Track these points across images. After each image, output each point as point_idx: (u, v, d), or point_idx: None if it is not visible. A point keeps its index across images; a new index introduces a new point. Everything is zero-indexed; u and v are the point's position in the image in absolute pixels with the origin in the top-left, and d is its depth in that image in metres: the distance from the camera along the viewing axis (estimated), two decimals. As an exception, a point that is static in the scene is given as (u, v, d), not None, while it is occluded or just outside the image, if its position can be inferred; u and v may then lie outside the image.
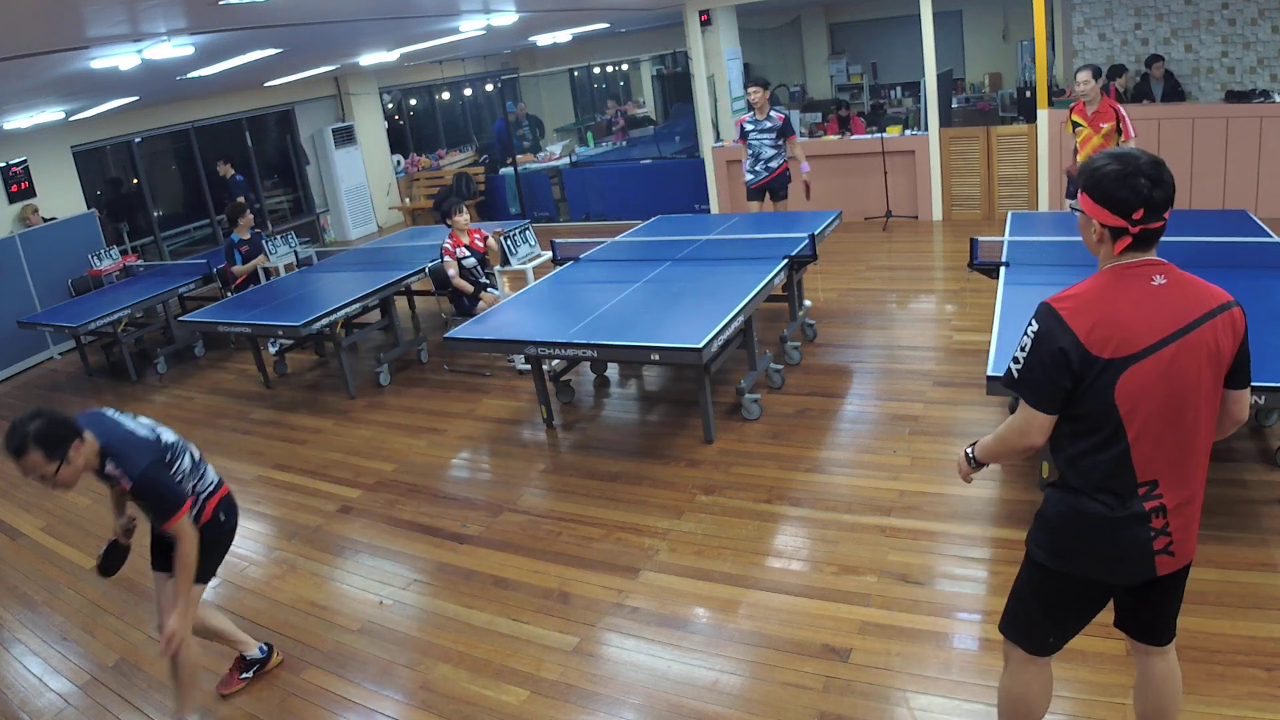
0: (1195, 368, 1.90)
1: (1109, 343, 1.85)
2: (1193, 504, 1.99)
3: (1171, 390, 1.88)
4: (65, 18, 3.80)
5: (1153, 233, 1.92)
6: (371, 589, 3.83)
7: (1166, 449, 1.91)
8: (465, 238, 6.22)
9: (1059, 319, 1.87)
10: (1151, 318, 1.88)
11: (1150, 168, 1.85)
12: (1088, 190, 1.93)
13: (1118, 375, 1.85)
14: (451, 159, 13.73)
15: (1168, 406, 1.89)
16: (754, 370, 5.08)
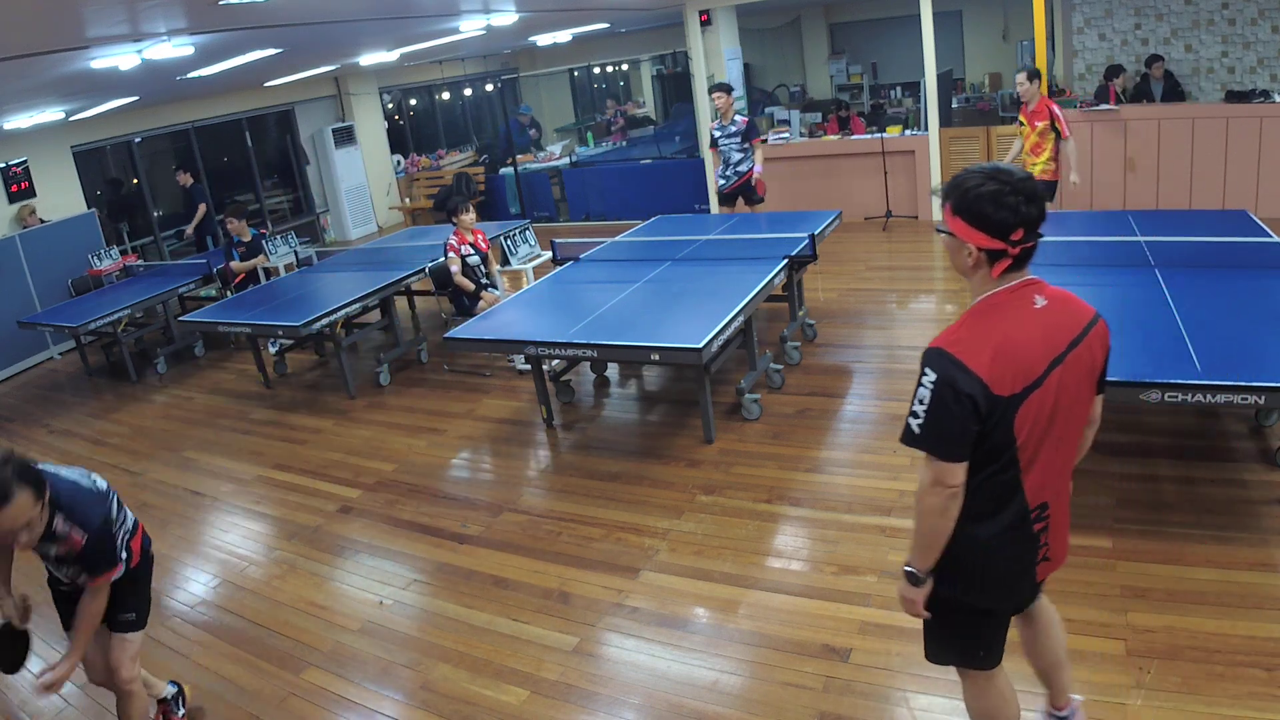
0: (1076, 385, 1.91)
1: (1008, 378, 1.80)
2: (1066, 508, 2.04)
3: (1055, 410, 1.88)
4: (65, 18, 3.80)
5: (1030, 251, 1.86)
6: (371, 589, 3.83)
7: (1053, 468, 1.93)
8: (469, 235, 6.24)
9: (958, 363, 1.79)
10: (1040, 343, 1.84)
11: (1023, 184, 1.80)
12: (961, 212, 1.85)
13: (1018, 407, 1.82)
14: (451, 159, 13.73)
15: (1053, 426, 1.89)
16: (754, 370, 5.08)
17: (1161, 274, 4.25)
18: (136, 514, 4.30)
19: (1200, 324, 3.57)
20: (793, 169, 9.56)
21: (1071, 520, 3.57)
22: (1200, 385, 3.05)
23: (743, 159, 7.16)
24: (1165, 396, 3.10)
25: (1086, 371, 1.92)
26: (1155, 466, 3.86)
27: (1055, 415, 1.88)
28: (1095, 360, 1.95)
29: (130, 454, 5.83)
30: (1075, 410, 1.93)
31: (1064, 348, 1.86)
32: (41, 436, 6.49)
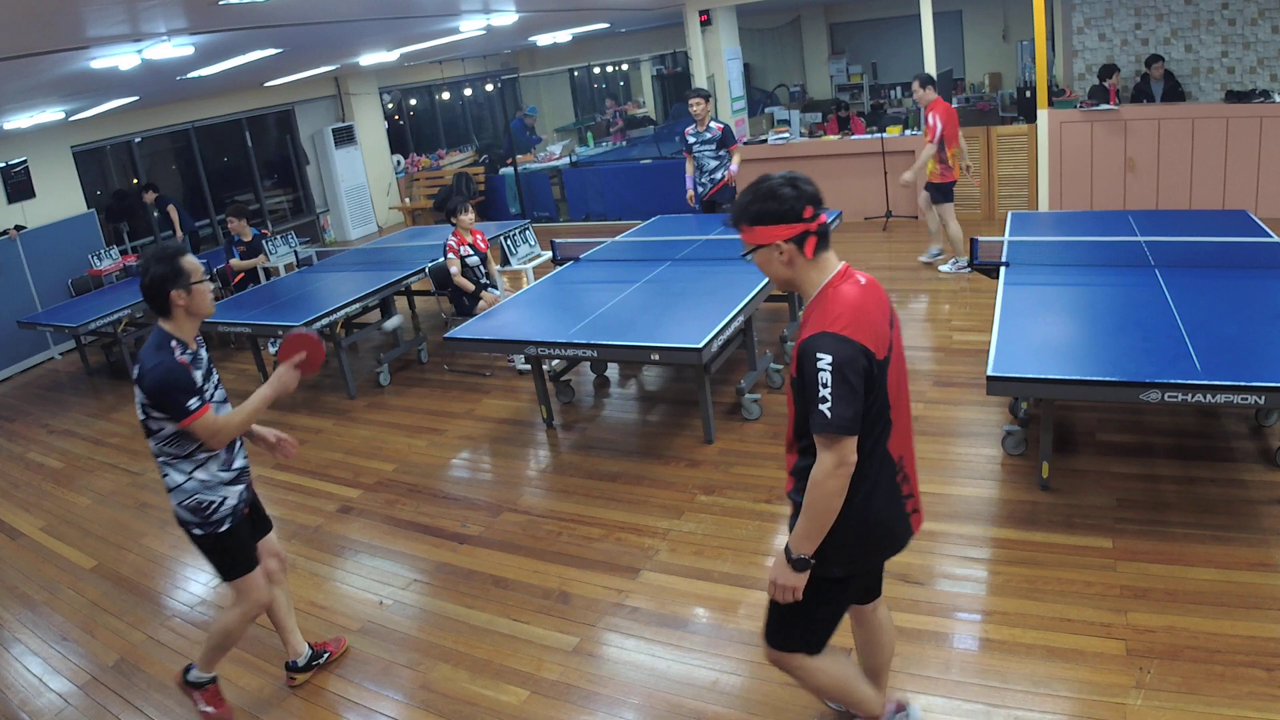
0: (900, 347, 2.14)
1: (877, 343, 1.98)
2: (913, 464, 2.22)
3: (899, 373, 2.10)
4: (65, 18, 3.80)
5: (828, 227, 2.05)
6: (371, 589, 3.83)
7: (902, 424, 2.13)
8: (469, 236, 6.24)
9: (844, 339, 1.92)
10: (879, 313, 2.04)
11: (781, 177, 2.02)
12: (755, 221, 2.02)
13: (885, 371, 2.01)
14: (451, 159, 13.73)
15: (901, 388, 2.12)
16: (754, 370, 5.08)
17: (1161, 274, 4.25)
18: (136, 514, 4.31)
19: (1200, 324, 3.57)
20: (793, 169, 9.55)
21: (1069, 520, 3.59)
22: (1200, 385, 3.05)
23: (718, 166, 7.02)
24: (1165, 396, 3.10)
25: (899, 328, 2.15)
26: (1155, 466, 3.86)
27: (899, 376, 2.10)
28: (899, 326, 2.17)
29: (130, 454, 5.83)
30: (905, 365, 2.17)
31: (889, 314, 2.09)
32: (41, 436, 6.49)
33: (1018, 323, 3.87)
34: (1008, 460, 4.08)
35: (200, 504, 2.81)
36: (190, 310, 2.74)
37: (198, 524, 2.84)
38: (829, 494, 1.97)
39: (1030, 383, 3.34)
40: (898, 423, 2.09)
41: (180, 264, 2.69)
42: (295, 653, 3.23)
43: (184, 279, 2.69)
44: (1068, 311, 4.07)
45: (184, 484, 2.79)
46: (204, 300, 2.76)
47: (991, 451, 4.18)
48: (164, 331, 2.76)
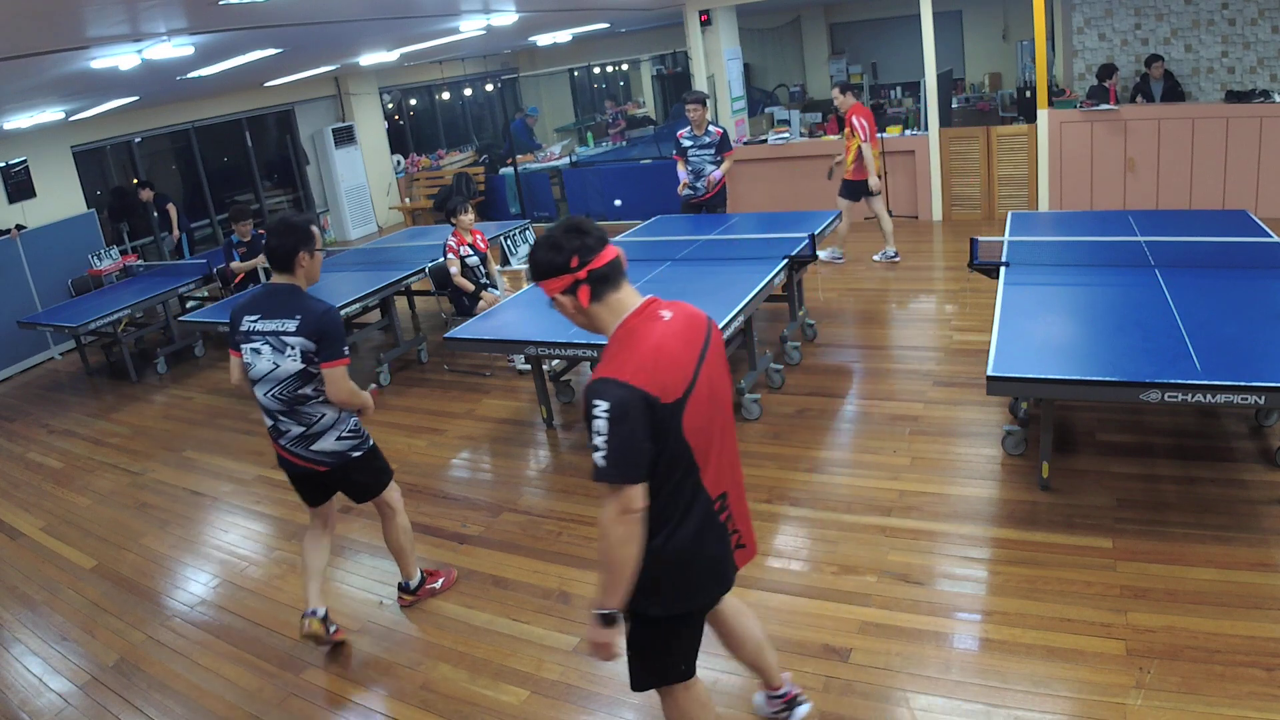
0: (720, 379, 2.11)
1: (668, 387, 1.93)
2: (742, 499, 2.23)
3: (713, 407, 2.07)
4: (65, 18, 3.80)
5: (608, 269, 2.02)
6: (371, 589, 3.83)
7: (724, 459, 2.11)
8: (469, 236, 6.24)
9: (623, 384, 1.88)
10: (682, 349, 2.01)
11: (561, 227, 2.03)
12: (536, 277, 2.08)
13: (681, 414, 1.96)
14: (451, 159, 13.72)
15: (714, 423, 2.08)
16: (754, 370, 5.08)
17: (1161, 274, 4.25)
18: (136, 514, 4.31)
19: (1200, 324, 3.57)
20: (793, 169, 9.57)
21: (1069, 520, 3.59)
22: (1200, 385, 3.05)
23: (714, 170, 6.99)
24: (1165, 396, 3.10)
25: (720, 363, 2.14)
26: (1155, 466, 3.86)
27: (712, 409, 2.07)
28: (722, 355, 2.17)
29: (130, 454, 5.83)
30: (726, 399, 2.14)
31: (700, 348, 2.06)
32: (41, 436, 6.49)
33: (1018, 323, 3.87)
34: (1008, 460, 4.08)
35: (356, 428, 3.25)
36: (309, 274, 3.10)
37: (357, 445, 3.26)
38: (615, 542, 1.91)
39: (1030, 383, 3.34)
40: (713, 458, 2.05)
41: (313, 230, 3.08)
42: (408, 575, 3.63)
43: (313, 243, 3.07)
44: (1068, 311, 4.07)
45: (338, 417, 3.19)
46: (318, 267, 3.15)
47: (991, 451, 4.19)
48: (297, 288, 3.08)
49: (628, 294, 2.06)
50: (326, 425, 3.16)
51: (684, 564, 2.06)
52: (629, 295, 2.05)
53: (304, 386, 3.07)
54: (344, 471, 3.28)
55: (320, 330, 2.99)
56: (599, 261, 1.99)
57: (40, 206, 8.83)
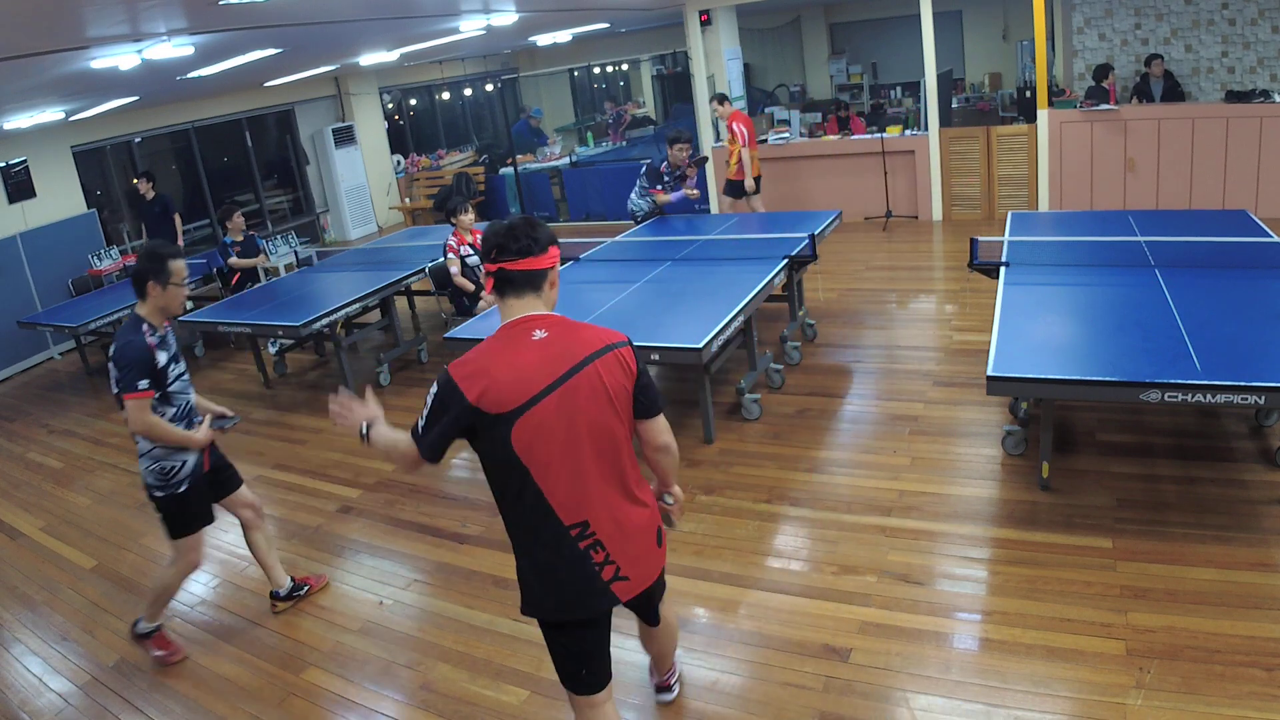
0: (589, 407, 2.08)
1: (497, 401, 2.02)
2: (628, 528, 2.18)
3: (568, 434, 2.07)
4: (65, 18, 3.80)
5: (513, 275, 2.12)
6: (371, 589, 3.83)
7: (586, 487, 2.11)
8: (469, 236, 6.24)
9: (454, 385, 2.05)
10: (534, 369, 2.05)
11: (513, 221, 2.15)
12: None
13: (510, 427, 2.03)
14: (451, 159, 13.73)
15: (569, 449, 2.07)
16: (754, 370, 5.08)
17: (1161, 274, 4.25)
18: (136, 514, 4.31)
19: (1200, 324, 3.57)
20: (793, 169, 9.57)
21: (1069, 520, 3.58)
22: (1200, 385, 3.05)
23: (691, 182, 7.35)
24: (1165, 396, 3.10)
25: (595, 394, 2.09)
26: (1155, 466, 3.86)
27: (570, 436, 2.07)
28: (610, 384, 2.11)
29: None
30: (599, 432, 2.11)
31: (559, 375, 2.06)
32: (41, 436, 6.49)
33: (1018, 323, 3.87)
34: (1008, 460, 4.08)
35: (164, 468, 3.23)
36: (161, 305, 3.16)
37: (160, 486, 3.26)
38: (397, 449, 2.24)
39: (1030, 383, 3.34)
40: (565, 483, 2.08)
41: (168, 265, 3.12)
42: (278, 584, 3.69)
43: (165, 275, 3.12)
44: (1068, 311, 4.07)
45: (151, 449, 3.20)
46: (175, 300, 3.19)
47: (991, 451, 4.19)
48: (138, 315, 3.17)
49: (523, 305, 2.13)
50: (140, 452, 3.25)
51: (533, 578, 2.18)
52: (523, 306, 2.13)
53: (122, 410, 3.14)
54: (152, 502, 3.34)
55: (114, 360, 3.08)
56: (512, 265, 2.11)
57: (40, 206, 8.84)
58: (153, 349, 3.11)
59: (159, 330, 3.17)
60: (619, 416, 2.14)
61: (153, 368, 3.09)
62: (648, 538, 2.25)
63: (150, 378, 3.08)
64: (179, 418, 3.24)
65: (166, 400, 3.18)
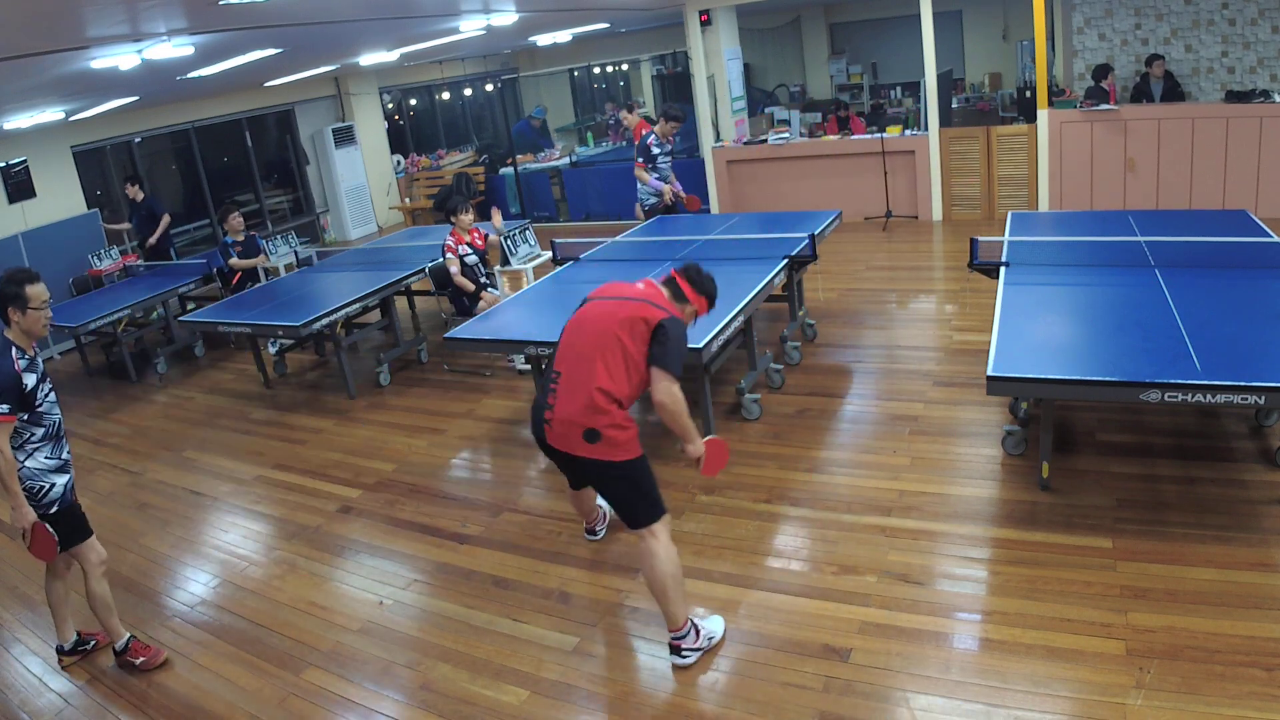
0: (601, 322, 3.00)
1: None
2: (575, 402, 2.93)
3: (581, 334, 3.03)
4: (65, 18, 3.80)
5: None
6: (371, 589, 3.83)
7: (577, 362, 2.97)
8: (467, 236, 6.24)
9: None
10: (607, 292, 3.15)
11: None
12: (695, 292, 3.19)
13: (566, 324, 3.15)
14: (451, 159, 13.72)
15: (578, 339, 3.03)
16: (754, 370, 5.08)
17: (1161, 274, 4.25)
18: (136, 514, 4.32)
19: (1200, 324, 3.57)
20: (793, 169, 9.57)
21: (1069, 520, 3.59)
22: (1200, 385, 3.05)
23: (672, 178, 7.47)
24: (1165, 396, 3.10)
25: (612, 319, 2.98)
26: (1155, 466, 3.86)
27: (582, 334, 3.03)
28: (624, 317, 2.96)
29: (130, 454, 5.83)
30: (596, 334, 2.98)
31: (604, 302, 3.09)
32: (41, 436, 6.48)
33: (1018, 323, 3.87)
34: (1008, 460, 4.08)
35: (33, 489, 3.25)
36: (24, 328, 3.22)
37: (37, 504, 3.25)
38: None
39: (1030, 383, 3.34)
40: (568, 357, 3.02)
41: (24, 290, 3.20)
42: (64, 638, 3.56)
43: (22, 301, 3.19)
44: (1068, 311, 4.07)
45: (21, 468, 3.21)
46: (36, 324, 3.24)
47: (991, 451, 4.19)
48: (6, 339, 3.20)
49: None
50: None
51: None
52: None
53: None
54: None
55: None
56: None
57: (40, 206, 8.83)
58: (19, 373, 3.14)
59: (26, 353, 3.21)
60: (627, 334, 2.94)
61: (20, 391, 3.13)
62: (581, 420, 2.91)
63: (14, 402, 3.11)
64: (49, 437, 3.28)
65: (36, 421, 3.22)
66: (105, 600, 3.43)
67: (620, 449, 2.93)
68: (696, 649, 3.02)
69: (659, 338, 2.91)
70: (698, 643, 3.02)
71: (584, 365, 2.94)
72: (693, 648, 3.01)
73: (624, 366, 2.92)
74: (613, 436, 2.90)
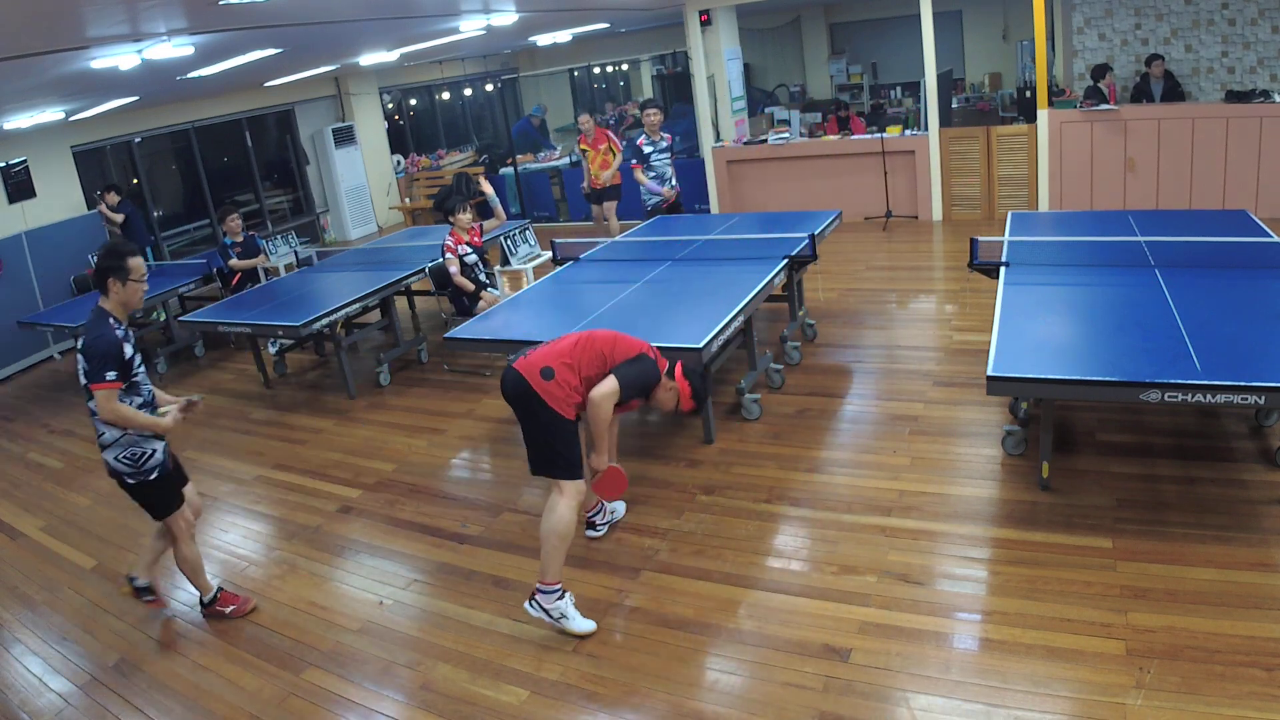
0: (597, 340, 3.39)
1: None
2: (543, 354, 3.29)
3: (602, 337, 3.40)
4: (65, 18, 3.80)
5: None
6: (371, 589, 3.83)
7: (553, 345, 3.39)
8: (466, 235, 6.24)
9: None
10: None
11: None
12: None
13: None
14: (451, 159, 13.72)
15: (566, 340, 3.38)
16: (754, 370, 5.08)
17: (1161, 274, 4.25)
18: (136, 514, 4.31)
19: (1200, 324, 3.57)
20: (793, 169, 9.57)
21: (1069, 520, 3.59)
22: (1200, 385, 3.05)
23: (673, 174, 7.46)
24: (1165, 396, 3.10)
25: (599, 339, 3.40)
26: (1155, 466, 3.86)
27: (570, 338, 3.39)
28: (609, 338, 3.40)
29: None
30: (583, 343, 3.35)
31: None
32: (41, 436, 6.49)
33: (1018, 323, 3.87)
34: (1008, 460, 4.08)
35: (134, 455, 3.36)
36: (122, 299, 3.30)
37: (131, 473, 3.39)
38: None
39: (1030, 383, 3.34)
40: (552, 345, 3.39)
41: (126, 262, 3.26)
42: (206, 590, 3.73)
43: (124, 272, 3.26)
44: (1068, 311, 4.07)
45: (120, 438, 3.34)
46: (135, 295, 3.32)
47: (991, 451, 4.19)
48: (103, 309, 3.31)
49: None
50: (107, 442, 3.37)
51: None
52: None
53: (89, 400, 3.28)
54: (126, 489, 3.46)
55: (84, 353, 3.23)
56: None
57: (40, 206, 8.83)
58: (121, 341, 3.25)
59: (123, 324, 3.32)
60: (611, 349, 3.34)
61: (122, 359, 3.24)
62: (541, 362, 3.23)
63: (119, 369, 3.22)
64: (144, 405, 3.38)
65: (134, 390, 3.34)
66: (195, 562, 3.63)
67: (560, 402, 3.20)
68: (547, 610, 3.24)
69: (633, 360, 3.31)
70: (551, 606, 3.24)
71: (560, 346, 3.33)
72: (546, 606, 3.24)
73: (591, 366, 3.29)
74: (560, 382, 3.20)
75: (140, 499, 3.48)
